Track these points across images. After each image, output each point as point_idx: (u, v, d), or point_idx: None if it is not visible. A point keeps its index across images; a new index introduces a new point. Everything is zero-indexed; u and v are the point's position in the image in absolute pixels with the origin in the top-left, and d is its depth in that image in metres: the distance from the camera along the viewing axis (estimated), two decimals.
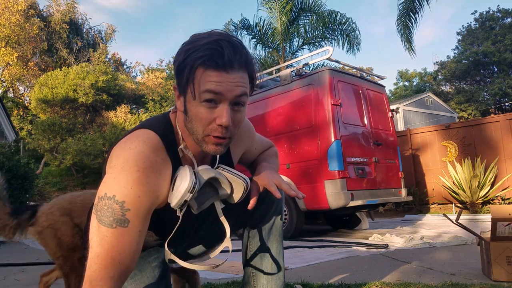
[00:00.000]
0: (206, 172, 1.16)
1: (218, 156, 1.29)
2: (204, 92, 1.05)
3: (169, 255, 1.19)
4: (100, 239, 0.98)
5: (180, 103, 1.15)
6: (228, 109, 1.08)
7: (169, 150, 1.15)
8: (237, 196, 1.21)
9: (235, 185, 1.20)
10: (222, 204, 1.25)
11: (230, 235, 1.27)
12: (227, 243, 1.22)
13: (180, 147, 1.19)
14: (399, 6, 9.09)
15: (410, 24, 9.01)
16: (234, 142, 1.30)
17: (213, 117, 1.08)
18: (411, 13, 8.92)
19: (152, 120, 1.23)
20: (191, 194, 1.08)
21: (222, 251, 1.28)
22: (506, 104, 23.94)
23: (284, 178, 1.48)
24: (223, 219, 1.24)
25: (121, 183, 1.01)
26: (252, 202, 1.25)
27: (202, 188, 1.14)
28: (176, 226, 1.18)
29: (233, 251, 1.25)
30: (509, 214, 2.24)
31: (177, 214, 1.15)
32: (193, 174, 1.11)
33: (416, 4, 8.78)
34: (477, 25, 26.26)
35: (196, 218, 1.37)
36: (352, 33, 12.42)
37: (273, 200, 1.44)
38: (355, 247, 4.05)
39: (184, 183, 1.08)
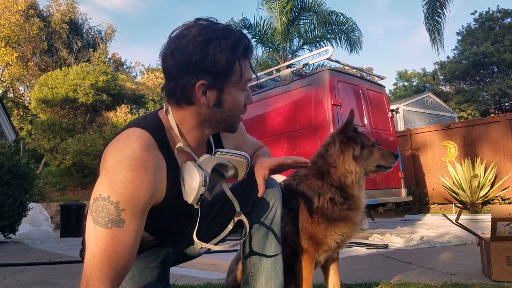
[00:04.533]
0: (209, 161, 1.18)
1: (213, 144, 1.32)
2: (247, 80, 1.18)
3: (200, 245, 1.23)
4: (96, 239, 0.98)
5: (206, 99, 1.14)
6: None
7: (161, 147, 1.15)
8: (241, 173, 1.27)
9: (237, 164, 1.26)
10: (230, 184, 1.32)
11: (230, 234, 1.29)
12: (240, 217, 1.29)
13: (178, 145, 1.19)
14: (424, 7, 9.21)
15: (440, 19, 9.11)
16: (226, 136, 1.37)
17: (243, 101, 1.21)
18: (439, 10, 9.00)
19: (142, 118, 1.23)
20: (205, 188, 1.11)
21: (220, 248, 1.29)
22: (506, 104, 23.94)
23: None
24: (231, 196, 1.28)
25: (115, 183, 1.01)
26: (261, 189, 1.30)
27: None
28: (198, 219, 1.22)
29: (233, 251, 1.25)
30: (509, 214, 2.23)
31: (195, 207, 1.18)
32: (200, 168, 1.13)
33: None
34: (476, 26, 26.26)
35: (195, 219, 1.37)
36: (352, 33, 12.41)
37: (271, 199, 1.44)
38: (355, 247, 4.04)
39: (195, 179, 1.10)
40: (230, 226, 1.32)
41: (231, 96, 1.15)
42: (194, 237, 1.22)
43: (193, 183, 1.10)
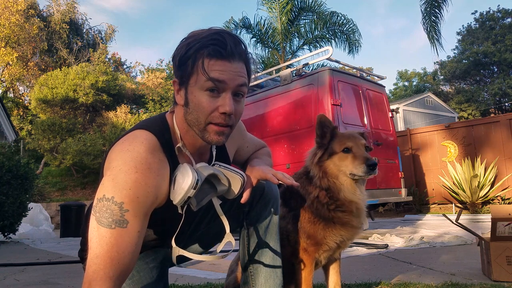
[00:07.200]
0: (204, 169, 1.16)
1: (214, 154, 1.30)
2: (208, 80, 1.08)
3: (178, 252, 1.20)
4: (99, 239, 0.98)
5: (180, 96, 1.16)
6: (231, 97, 1.11)
7: (166, 150, 1.16)
8: (235, 192, 1.22)
9: (232, 180, 1.21)
10: (220, 201, 1.26)
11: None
12: (228, 237, 1.23)
13: (178, 145, 1.19)
14: (421, 7, 9.16)
15: (437, 20, 9.07)
16: (228, 139, 1.32)
17: (215, 106, 1.11)
18: (436, 10, 8.97)
19: (149, 120, 1.23)
20: (195, 191, 1.09)
21: (221, 251, 1.28)
22: (506, 104, 23.95)
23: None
24: (221, 214, 1.24)
25: (119, 184, 1.01)
26: (245, 196, 1.25)
27: (200, 185, 1.14)
28: (180, 224, 1.19)
29: (233, 250, 1.25)
30: (509, 214, 2.23)
31: (179, 212, 1.15)
32: (194, 171, 1.11)
33: None
34: (477, 25, 26.26)
35: (194, 218, 1.37)
36: (352, 35, 12.40)
37: (269, 199, 1.44)
38: (355, 247, 4.04)
39: (187, 180, 1.09)
40: (221, 246, 1.26)
41: (192, 95, 1.12)
42: (173, 243, 1.20)
43: (183, 184, 1.09)
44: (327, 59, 6.25)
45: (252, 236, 1.44)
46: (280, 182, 1.28)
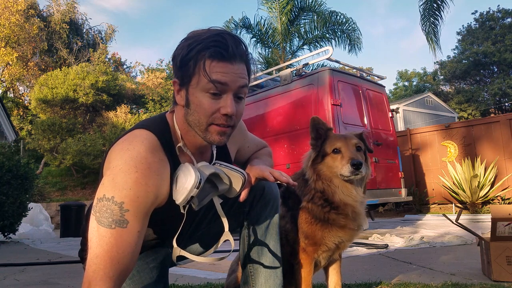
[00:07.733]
0: (206, 168, 1.17)
1: (215, 153, 1.31)
2: (210, 82, 1.08)
3: (179, 252, 1.20)
4: (99, 239, 0.98)
5: (180, 97, 1.16)
6: (232, 98, 1.12)
7: (166, 149, 1.15)
8: (236, 190, 1.22)
9: (233, 179, 1.22)
10: (220, 199, 1.26)
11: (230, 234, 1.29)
12: (227, 236, 1.23)
13: (178, 145, 1.19)
14: (420, 8, 9.04)
15: (437, 22, 8.94)
16: (230, 139, 1.32)
17: (217, 107, 1.11)
18: (435, 11, 8.87)
19: (149, 120, 1.23)
20: (198, 190, 1.09)
21: (221, 251, 1.28)
22: (506, 104, 23.95)
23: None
24: (220, 212, 1.24)
25: (119, 184, 1.01)
26: (243, 195, 1.25)
27: (203, 185, 1.14)
28: (182, 223, 1.19)
29: (233, 251, 1.25)
30: (509, 214, 2.23)
31: (182, 211, 1.15)
32: (197, 170, 1.11)
33: (439, 1, 8.73)
34: (477, 25, 26.26)
35: (194, 218, 1.38)
36: (353, 33, 12.41)
37: (269, 199, 1.44)
38: (355, 247, 4.04)
39: (190, 179, 1.09)
40: (219, 244, 1.27)
41: (194, 96, 1.12)
42: (174, 243, 1.20)
43: (186, 183, 1.09)
44: (327, 59, 6.26)
45: (252, 236, 1.44)
46: (278, 181, 1.28)
